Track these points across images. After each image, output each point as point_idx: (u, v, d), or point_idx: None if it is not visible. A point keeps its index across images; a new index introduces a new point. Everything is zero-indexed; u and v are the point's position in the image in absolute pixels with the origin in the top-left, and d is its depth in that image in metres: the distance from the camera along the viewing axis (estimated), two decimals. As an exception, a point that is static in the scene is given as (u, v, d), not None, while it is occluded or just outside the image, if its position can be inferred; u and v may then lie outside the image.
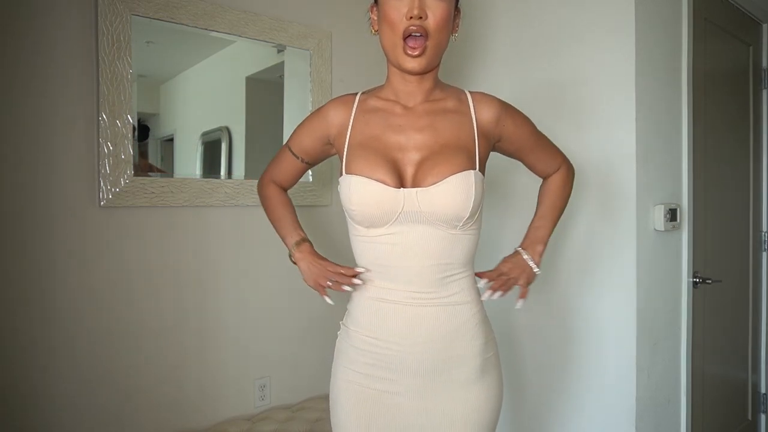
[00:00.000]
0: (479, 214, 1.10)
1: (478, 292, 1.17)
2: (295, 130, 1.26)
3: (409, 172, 1.06)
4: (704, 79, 2.06)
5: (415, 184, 1.05)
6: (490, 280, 1.21)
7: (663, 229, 1.78)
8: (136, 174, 1.77)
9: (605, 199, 1.76)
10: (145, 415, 1.81)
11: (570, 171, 1.35)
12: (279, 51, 2.15)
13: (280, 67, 2.16)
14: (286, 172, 1.33)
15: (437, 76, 1.13)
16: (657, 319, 1.80)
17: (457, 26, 1.11)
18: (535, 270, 1.25)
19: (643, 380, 1.73)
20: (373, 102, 1.14)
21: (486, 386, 1.11)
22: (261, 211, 2.07)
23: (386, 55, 1.09)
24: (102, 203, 1.70)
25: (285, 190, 1.38)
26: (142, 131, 1.91)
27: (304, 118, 1.21)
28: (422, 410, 1.09)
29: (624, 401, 1.73)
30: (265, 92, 2.17)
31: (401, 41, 1.02)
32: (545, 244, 1.28)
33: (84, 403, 1.69)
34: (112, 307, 1.74)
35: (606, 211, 1.76)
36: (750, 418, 2.49)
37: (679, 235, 1.92)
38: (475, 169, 1.07)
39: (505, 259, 1.26)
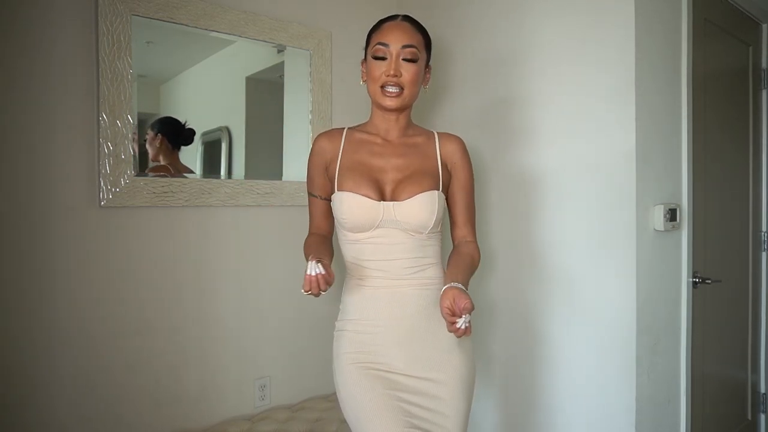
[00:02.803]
0: (441, 223, 1.38)
1: (443, 279, 1.35)
2: (307, 180, 1.46)
3: (387, 189, 1.34)
4: (704, 79, 2.06)
5: (392, 199, 1.32)
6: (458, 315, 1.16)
7: (663, 229, 1.78)
8: (137, 174, 1.77)
9: (605, 199, 1.76)
10: (145, 414, 1.81)
11: (479, 254, 1.42)
12: (279, 51, 2.15)
13: (280, 67, 2.17)
14: (318, 215, 1.46)
15: (410, 118, 1.44)
16: (657, 319, 1.80)
17: (428, 80, 1.43)
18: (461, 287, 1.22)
19: (643, 380, 1.73)
20: (359, 135, 1.42)
21: (463, 350, 1.34)
22: (261, 211, 2.09)
23: (371, 98, 1.39)
24: (102, 203, 1.70)
25: (329, 236, 1.47)
26: (189, 134, 1.95)
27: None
28: (413, 376, 1.29)
29: (624, 401, 1.73)
30: (265, 92, 2.17)
31: (380, 89, 1.33)
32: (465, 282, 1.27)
33: (84, 403, 1.69)
34: (112, 306, 1.74)
35: (606, 211, 1.76)
36: (750, 418, 2.49)
37: (679, 235, 1.92)
38: (439, 189, 1.36)
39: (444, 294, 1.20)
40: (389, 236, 1.32)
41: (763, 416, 2.56)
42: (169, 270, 1.86)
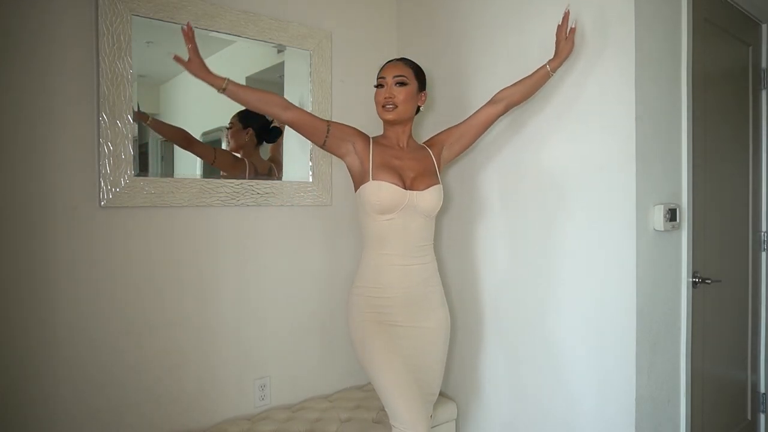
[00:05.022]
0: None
1: (434, 256, 1.85)
2: (340, 122, 1.80)
3: (407, 182, 1.74)
4: (704, 79, 2.06)
5: (411, 189, 1.74)
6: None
7: (663, 229, 1.78)
8: (137, 174, 1.77)
9: (605, 199, 1.76)
10: (145, 414, 1.81)
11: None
12: (279, 51, 2.15)
13: (280, 67, 2.16)
14: (308, 118, 1.71)
15: (411, 133, 1.87)
16: (657, 319, 1.80)
17: (423, 101, 1.84)
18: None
19: (643, 380, 1.73)
20: (382, 142, 1.82)
21: (444, 311, 1.84)
22: (261, 210, 2.09)
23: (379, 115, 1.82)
24: (102, 203, 1.70)
25: (281, 102, 1.71)
26: (276, 132, 2.12)
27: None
28: (412, 327, 1.75)
29: (624, 401, 1.73)
30: (265, 92, 2.16)
31: (381, 108, 1.77)
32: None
33: (84, 403, 1.69)
34: (112, 306, 1.74)
35: (606, 211, 1.76)
36: (749, 417, 2.49)
37: (679, 235, 1.92)
38: (440, 184, 1.81)
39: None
40: (405, 218, 1.72)
41: (763, 416, 2.56)
42: (169, 270, 1.86)
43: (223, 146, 2.04)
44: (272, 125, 2.12)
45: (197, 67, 1.54)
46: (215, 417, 1.97)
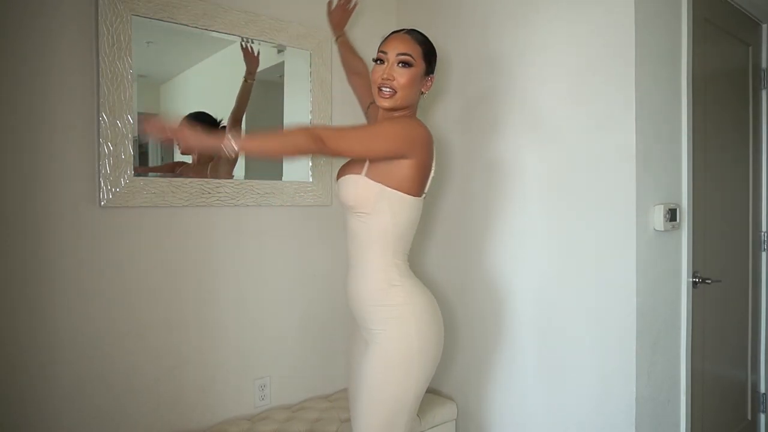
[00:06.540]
0: (376, 209, 1.46)
1: (389, 266, 1.50)
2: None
3: (343, 170, 1.56)
4: (704, 79, 2.06)
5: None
6: None
7: (663, 229, 1.78)
8: (136, 174, 1.77)
9: (605, 199, 1.76)
10: (145, 414, 1.81)
11: (298, 134, 1.38)
12: (279, 51, 2.15)
13: (280, 67, 2.16)
14: (366, 82, 1.86)
15: (410, 115, 1.57)
16: (657, 319, 1.80)
17: (428, 87, 1.57)
18: None
19: (643, 380, 1.73)
20: None
21: (382, 342, 1.48)
22: (261, 210, 2.08)
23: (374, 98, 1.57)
24: (102, 203, 1.70)
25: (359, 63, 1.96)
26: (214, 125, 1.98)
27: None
28: (363, 347, 1.57)
29: (624, 401, 1.73)
30: (265, 92, 2.17)
31: (377, 90, 1.50)
32: None
33: (83, 403, 1.69)
34: (111, 306, 1.74)
35: (606, 211, 1.76)
36: (749, 417, 2.49)
37: (679, 235, 1.92)
38: (361, 174, 1.46)
39: None
40: (344, 214, 1.56)
41: (763, 416, 2.56)
42: (169, 270, 1.86)
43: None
44: (220, 125, 2.00)
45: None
46: (215, 417, 1.97)
